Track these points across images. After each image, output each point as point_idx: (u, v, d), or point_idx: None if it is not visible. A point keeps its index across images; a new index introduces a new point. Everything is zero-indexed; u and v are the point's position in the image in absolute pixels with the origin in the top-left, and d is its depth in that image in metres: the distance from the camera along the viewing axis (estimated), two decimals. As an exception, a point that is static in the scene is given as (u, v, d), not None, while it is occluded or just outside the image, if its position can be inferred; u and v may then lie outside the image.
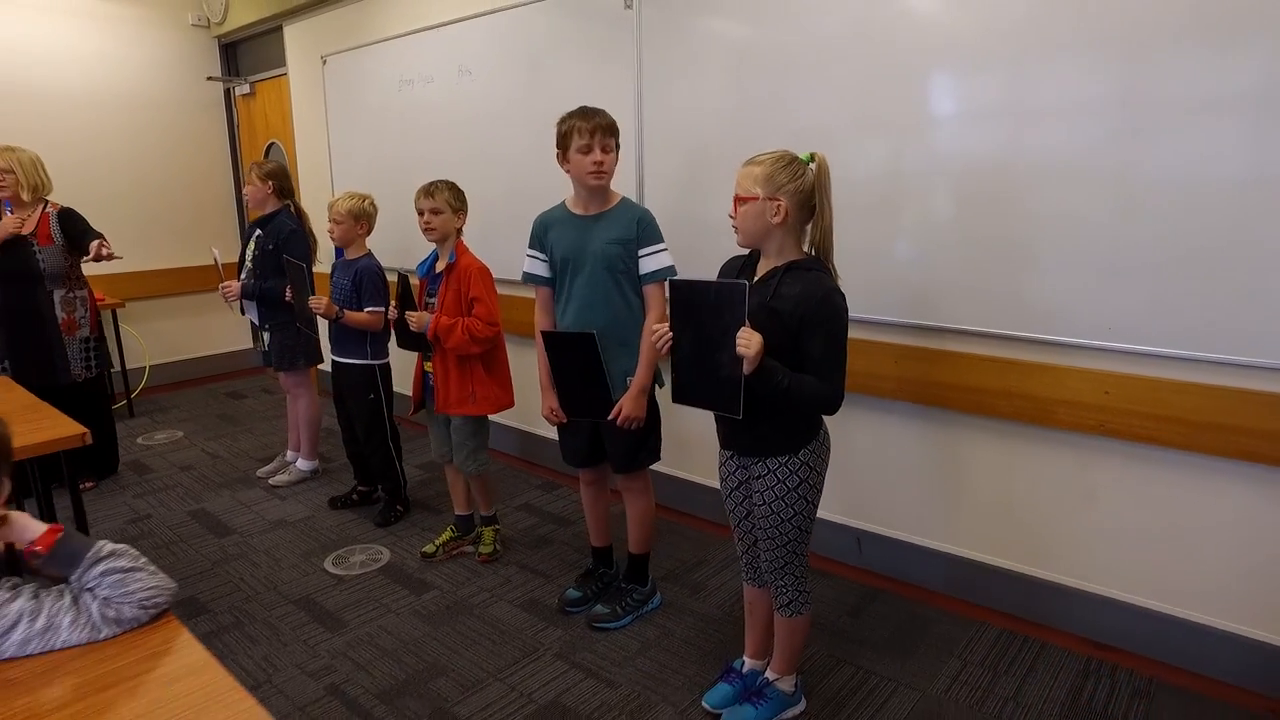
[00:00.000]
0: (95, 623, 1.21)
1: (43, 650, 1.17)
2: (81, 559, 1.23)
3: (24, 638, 1.16)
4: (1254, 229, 1.89)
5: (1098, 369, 2.16)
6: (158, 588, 1.27)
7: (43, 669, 1.15)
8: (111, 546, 1.27)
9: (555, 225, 2.38)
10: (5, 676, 1.13)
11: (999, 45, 2.19)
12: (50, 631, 1.18)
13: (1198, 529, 2.11)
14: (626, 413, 2.28)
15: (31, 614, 1.17)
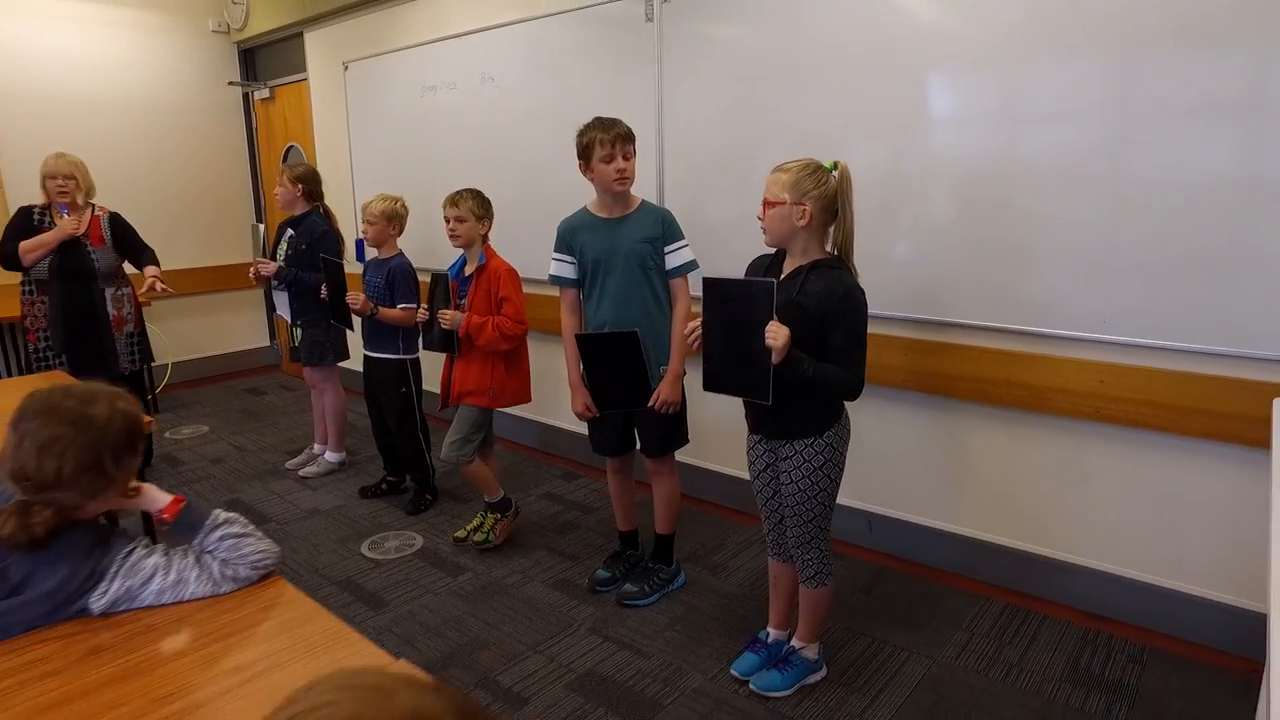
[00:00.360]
0: (216, 580, 1.37)
1: (174, 601, 1.33)
2: (202, 525, 1.39)
3: (159, 589, 1.32)
4: (1238, 230, 2.07)
5: (1093, 359, 2.34)
6: (265, 551, 1.43)
7: (176, 617, 1.31)
8: (225, 515, 1.43)
9: (583, 229, 2.55)
10: (146, 622, 1.29)
11: (996, 53, 2.37)
12: (180, 585, 1.34)
13: (1185, 506, 2.29)
14: (665, 397, 2.45)
15: (164, 569, 1.33)
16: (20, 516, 1.21)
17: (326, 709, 0.46)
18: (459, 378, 2.91)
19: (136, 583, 1.31)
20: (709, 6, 3.00)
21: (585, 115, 2.48)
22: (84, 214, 3.57)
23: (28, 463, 1.21)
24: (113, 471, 1.28)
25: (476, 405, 2.92)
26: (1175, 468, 2.28)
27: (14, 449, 1.22)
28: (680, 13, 3.08)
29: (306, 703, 0.47)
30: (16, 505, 1.23)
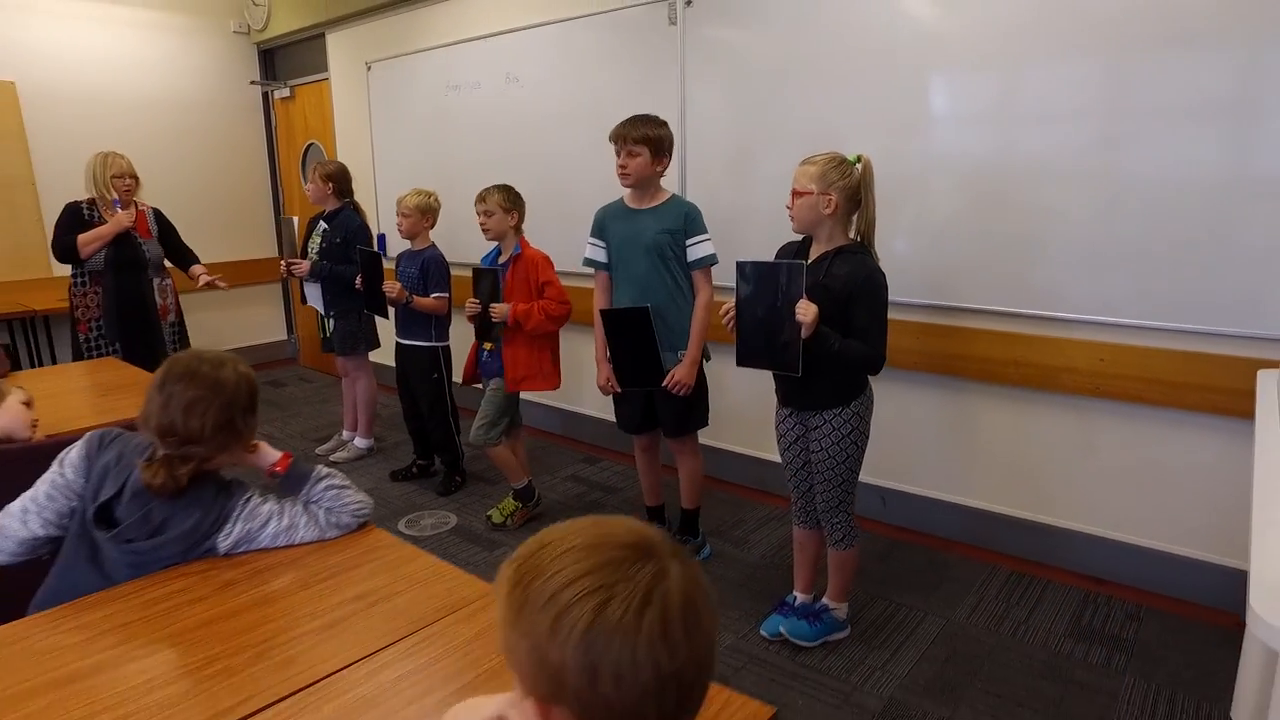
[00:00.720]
0: (322, 526, 1.53)
1: (286, 544, 1.50)
2: (309, 478, 1.56)
3: (274, 532, 1.48)
4: (1224, 222, 2.26)
5: (1094, 340, 2.53)
6: (362, 502, 1.60)
7: (290, 558, 1.47)
8: (326, 470, 1.59)
9: (613, 218, 2.72)
10: (265, 562, 1.45)
11: (998, 56, 2.55)
12: (291, 529, 1.50)
13: (1179, 476, 2.48)
14: (679, 378, 2.61)
15: (278, 515, 1.49)
16: (168, 468, 1.38)
17: (571, 535, 0.62)
18: (510, 368, 3.06)
19: (255, 526, 1.47)
20: (730, 12, 3.17)
21: (609, 114, 2.66)
22: (132, 208, 3.73)
23: (175, 420, 1.37)
24: (241, 428, 1.44)
25: (532, 389, 3.09)
26: (1169, 438, 2.47)
27: (161, 408, 1.38)
28: (702, 17, 3.26)
29: (552, 535, 0.64)
30: (164, 459, 1.38)
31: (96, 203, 3.68)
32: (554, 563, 0.59)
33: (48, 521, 1.43)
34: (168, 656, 1.17)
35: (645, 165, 2.59)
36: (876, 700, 2.16)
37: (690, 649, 0.57)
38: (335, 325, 3.88)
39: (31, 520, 1.42)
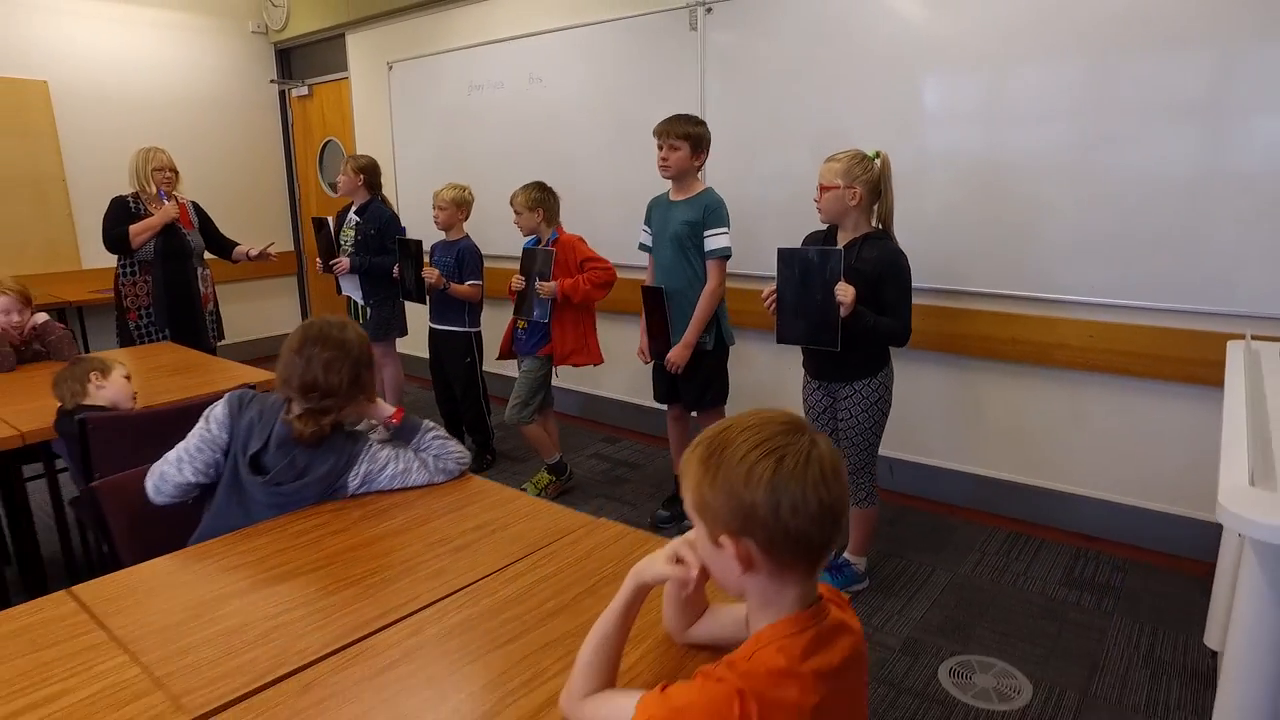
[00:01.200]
0: (431, 471, 1.77)
1: (401, 486, 1.73)
2: (419, 429, 1.79)
3: (392, 474, 1.72)
4: (1196, 214, 2.54)
5: (1083, 318, 2.81)
6: (464, 453, 1.83)
7: (408, 500, 1.70)
8: (431, 423, 1.82)
9: (655, 207, 2.98)
10: (388, 501, 1.68)
11: (993, 62, 2.82)
12: (406, 473, 1.73)
13: (1159, 439, 2.77)
14: (671, 358, 2.87)
15: (395, 460, 1.73)
16: (315, 420, 1.61)
17: (745, 419, 0.86)
18: (558, 344, 3.30)
19: (376, 468, 1.70)
20: (747, 19, 3.43)
21: (632, 113, 2.94)
22: (175, 201, 3.91)
23: (318, 377, 1.60)
24: (366, 382, 1.68)
25: (579, 364, 3.33)
26: (1151, 405, 2.76)
27: (304, 368, 1.61)
28: (721, 24, 3.51)
29: (729, 422, 0.88)
30: (308, 412, 1.61)
31: (140, 196, 3.86)
32: (739, 436, 0.83)
33: (197, 470, 1.65)
34: (331, 571, 1.41)
35: (684, 159, 2.83)
36: (896, 639, 2.42)
37: (838, 490, 0.82)
38: (371, 313, 4.09)
39: (185, 468, 1.65)
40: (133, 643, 1.18)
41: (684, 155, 2.83)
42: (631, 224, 3.22)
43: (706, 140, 2.85)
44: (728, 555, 0.82)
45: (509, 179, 3.65)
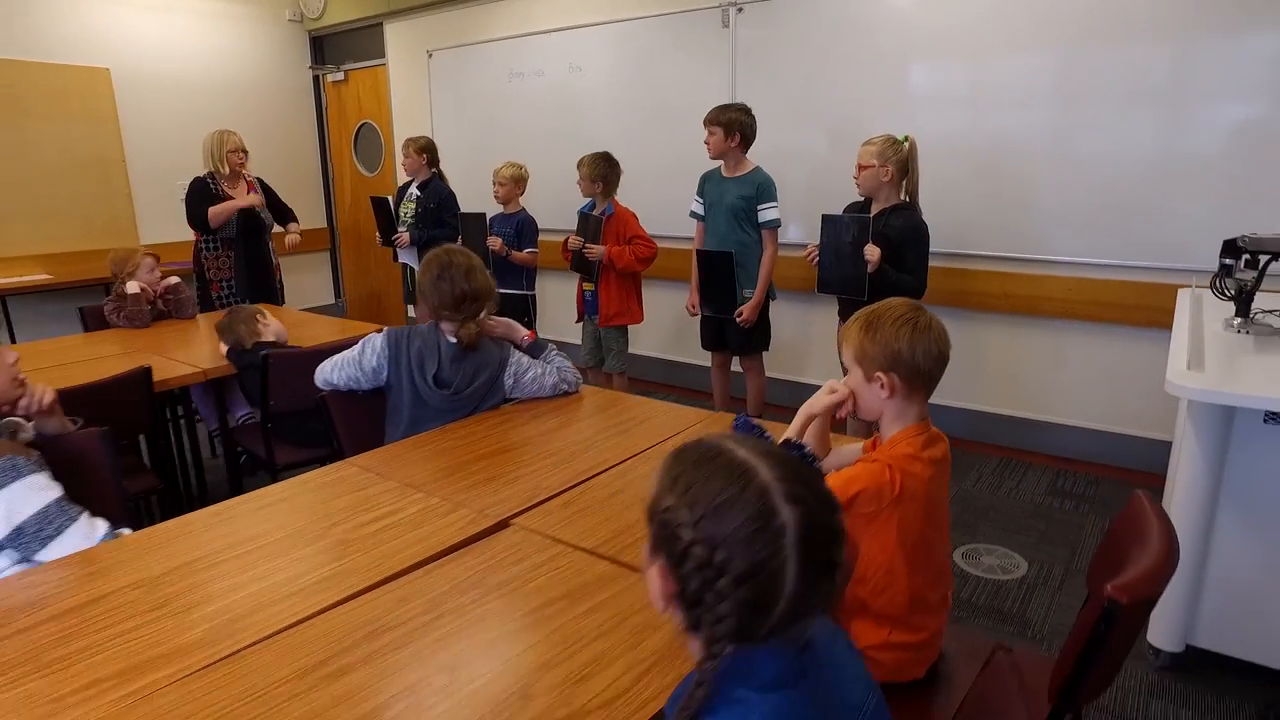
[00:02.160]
0: (556, 382, 2.25)
1: (536, 390, 2.20)
2: (545, 349, 2.28)
3: (531, 377, 2.19)
4: (1157, 189, 3.10)
5: (1065, 275, 3.37)
6: (578, 374, 2.32)
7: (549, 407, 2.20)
8: (554, 345, 2.32)
9: (708, 180, 3.47)
10: (541, 409, 2.18)
11: (987, 56, 3.35)
12: (540, 379, 2.21)
13: (1126, 374, 3.34)
14: (746, 315, 3.37)
15: (532, 366, 2.21)
16: (472, 323, 2.09)
17: (888, 302, 1.38)
18: (603, 306, 3.78)
19: (521, 370, 2.19)
20: (775, 17, 3.92)
21: (668, 101, 3.46)
22: (240, 182, 4.28)
23: (465, 288, 2.05)
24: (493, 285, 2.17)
25: (620, 324, 3.82)
26: (1119, 347, 3.33)
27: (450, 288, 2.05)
28: (752, 21, 3.99)
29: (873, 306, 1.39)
30: (463, 320, 2.08)
31: (216, 175, 4.25)
32: (887, 311, 1.34)
33: (345, 379, 2.13)
34: (514, 456, 1.90)
35: (720, 142, 3.32)
36: (915, 535, 2.97)
37: (948, 345, 1.34)
38: (430, 281, 4.53)
39: (335, 375, 2.14)
40: (419, 487, 1.67)
41: (719, 139, 3.31)
42: (664, 200, 3.76)
43: (737, 124, 3.29)
44: (876, 387, 1.33)
45: (549, 159, 4.10)
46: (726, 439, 0.79)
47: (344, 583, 1.28)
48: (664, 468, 0.79)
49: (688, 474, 0.76)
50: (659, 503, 0.76)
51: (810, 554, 0.72)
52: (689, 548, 0.72)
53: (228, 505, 1.60)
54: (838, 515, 0.75)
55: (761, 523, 0.71)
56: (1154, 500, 1.37)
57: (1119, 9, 3.09)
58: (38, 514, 1.43)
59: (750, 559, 0.70)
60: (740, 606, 0.71)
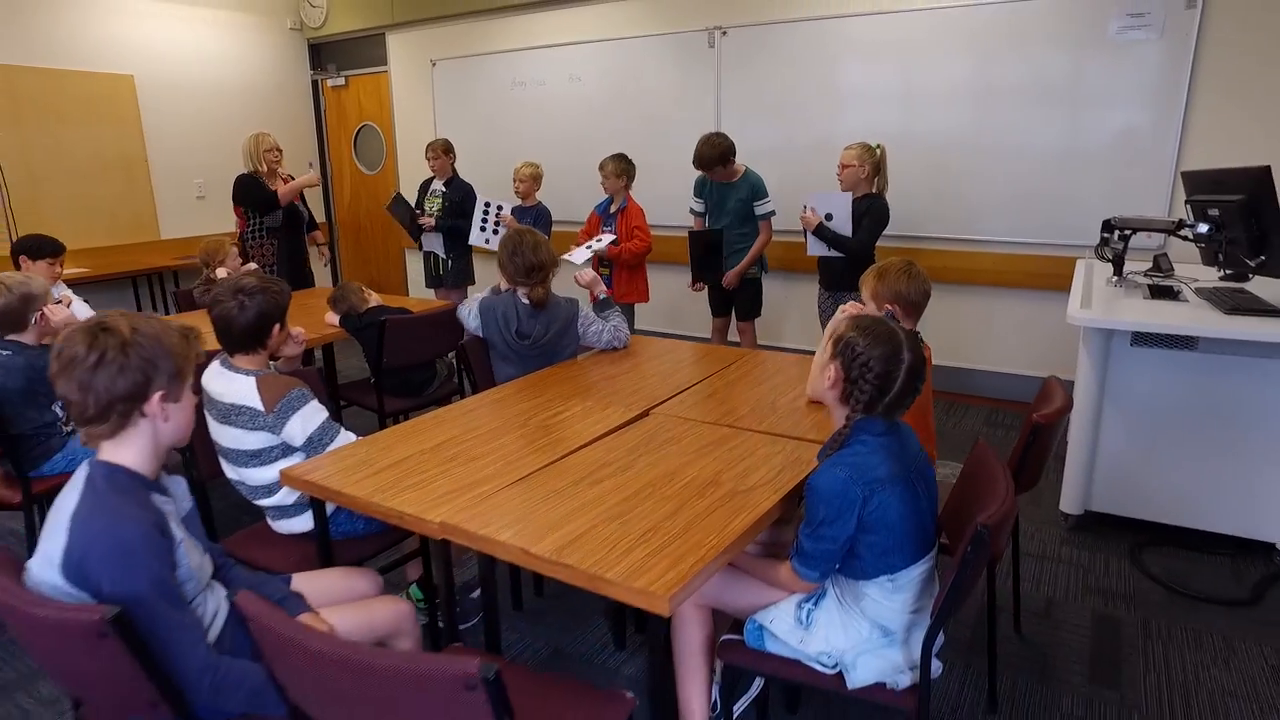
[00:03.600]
0: (610, 339, 2.94)
1: (595, 339, 2.87)
2: (610, 307, 2.98)
3: (596, 330, 2.85)
4: (1060, 180, 3.98)
5: (992, 251, 4.24)
6: (628, 332, 3.02)
7: (613, 359, 2.90)
8: (617, 306, 3.01)
9: (706, 184, 4.20)
10: (611, 357, 2.88)
11: (918, 66, 4.19)
12: (601, 332, 2.86)
13: (1041, 328, 4.23)
14: (726, 280, 4.12)
15: (595, 322, 2.88)
16: (542, 287, 2.73)
17: (892, 261, 2.13)
18: (616, 285, 4.47)
19: (588, 322, 2.86)
20: (755, 42, 4.67)
21: (660, 110, 4.33)
22: (276, 180, 4.75)
23: (531, 260, 2.68)
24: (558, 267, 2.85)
25: (628, 303, 4.51)
26: (1036, 308, 4.22)
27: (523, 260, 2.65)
28: (734, 42, 4.75)
29: (884, 263, 2.14)
30: (534, 285, 2.71)
31: (258, 173, 4.75)
32: (893, 265, 2.10)
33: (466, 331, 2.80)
34: (620, 380, 2.60)
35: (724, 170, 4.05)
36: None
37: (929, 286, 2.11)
38: (451, 265, 5.15)
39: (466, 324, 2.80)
40: (567, 398, 2.36)
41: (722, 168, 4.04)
42: (657, 197, 4.57)
43: (730, 150, 4.01)
44: (885, 313, 2.09)
45: (548, 162, 4.77)
46: (887, 320, 1.55)
47: (561, 446, 1.97)
48: (846, 324, 1.53)
49: (865, 326, 1.51)
50: (845, 335, 1.51)
51: (910, 377, 1.47)
52: (857, 356, 1.46)
53: (436, 414, 2.25)
54: (924, 366, 1.51)
55: (896, 353, 1.46)
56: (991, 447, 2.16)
57: (1023, 26, 3.96)
58: (319, 427, 2.05)
59: (885, 369, 1.45)
60: (873, 390, 1.46)
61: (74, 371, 1.26)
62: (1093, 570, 2.78)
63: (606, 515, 1.58)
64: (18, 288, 2.48)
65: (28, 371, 2.44)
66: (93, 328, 1.29)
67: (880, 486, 1.46)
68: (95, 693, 1.28)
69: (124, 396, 1.29)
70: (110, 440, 1.33)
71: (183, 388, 1.38)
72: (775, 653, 1.59)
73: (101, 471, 1.32)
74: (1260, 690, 2.16)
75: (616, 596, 1.35)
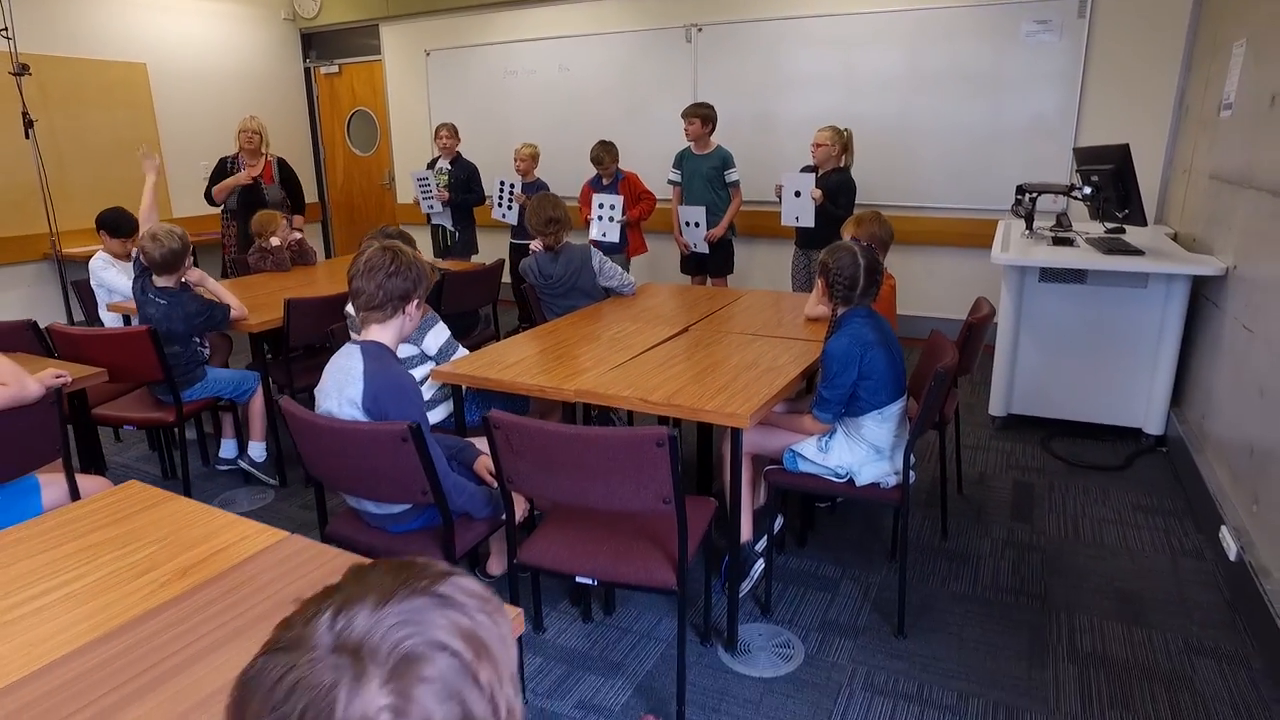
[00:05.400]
0: (622, 283, 3.66)
1: (610, 281, 3.59)
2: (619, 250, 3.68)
3: (609, 270, 3.56)
4: (985, 156, 4.83)
5: (931, 216, 5.08)
6: (634, 281, 3.74)
7: (627, 302, 3.61)
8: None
9: (685, 157, 4.91)
10: (626, 300, 3.59)
11: (857, 57, 4.99)
12: (613, 274, 3.60)
13: (972, 278, 5.10)
14: (707, 235, 4.85)
15: (607, 263, 3.58)
16: (557, 236, 3.42)
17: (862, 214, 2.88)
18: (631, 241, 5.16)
19: (601, 264, 3.53)
20: (728, 39, 5.39)
21: (642, 97, 5.02)
22: (260, 161, 4.89)
23: (552, 214, 3.37)
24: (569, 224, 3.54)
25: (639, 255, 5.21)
26: (969, 262, 5.08)
27: (544, 215, 3.37)
28: (710, 39, 5.46)
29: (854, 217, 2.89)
30: (551, 235, 3.41)
31: (239, 155, 5.08)
32: (868, 214, 2.86)
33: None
34: (656, 309, 3.31)
35: (698, 129, 4.77)
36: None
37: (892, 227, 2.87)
38: (458, 236, 5.74)
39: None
40: (618, 323, 3.06)
41: (697, 127, 4.77)
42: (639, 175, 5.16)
43: (713, 118, 4.77)
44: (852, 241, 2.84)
45: (541, 144, 5.41)
46: (848, 242, 2.29)
47: (633, 348, 2.67)
48: (824, 254, 2.27)
49: (832, 250, 2.25)
50: (823, 260, 2.25)
51: (869, 274, 2.23)
52: (831, 269, 2.22)
53: (525, 334, 2.93)
54: (880, 265, 2.26)
55: (855, 261, 2.22)
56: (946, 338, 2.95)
57: (950, 27, 4.79)
58: (447, 341, 2.71)
59: (851, 272, 2.21)
60: (846, 287, 2.22)
61: (375, 274, 1.90)
62: (1014, 454, 3.62)
63: (688, 381, 2.30)
64: (178, 239, 3.01)
65: (184, 314, 3.00)
66: (390, 248, 1.94)
67: (870, 347, 2.22)
68: (384, 484, 1.94)
69: (399, 295, 1.94)
70: (379, 324, 1.98)
71: (423, 301, 2.03)
72: (804, 471, 2.34)
73: (373, 347, 1.97)
74: (1125, 518, 3.02)
75: (711, 420, 2.08)
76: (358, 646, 0.51)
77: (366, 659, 0.50)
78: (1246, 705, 2.05)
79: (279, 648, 0.52)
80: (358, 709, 0.49)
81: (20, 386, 1.99)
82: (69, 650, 1.15)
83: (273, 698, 0.49)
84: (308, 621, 0.53)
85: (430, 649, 0.52)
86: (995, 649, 2.28)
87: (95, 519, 1.54)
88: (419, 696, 0.50)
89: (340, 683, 0.49)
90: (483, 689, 0.53)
